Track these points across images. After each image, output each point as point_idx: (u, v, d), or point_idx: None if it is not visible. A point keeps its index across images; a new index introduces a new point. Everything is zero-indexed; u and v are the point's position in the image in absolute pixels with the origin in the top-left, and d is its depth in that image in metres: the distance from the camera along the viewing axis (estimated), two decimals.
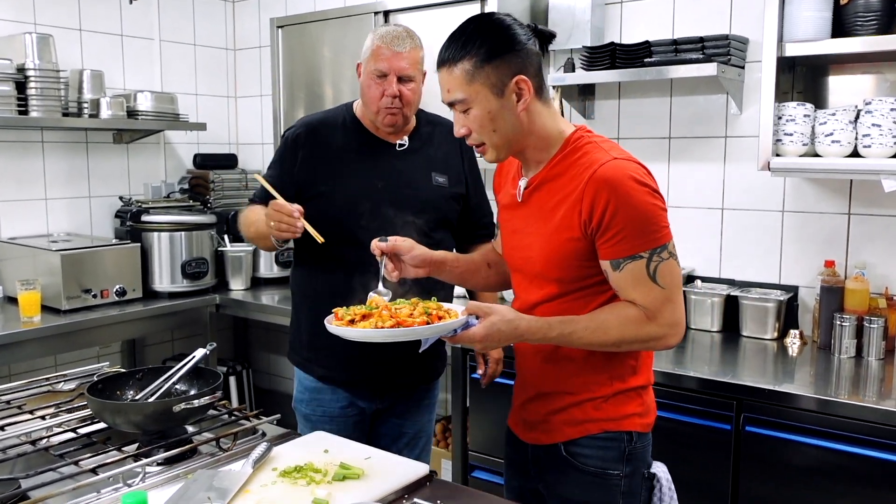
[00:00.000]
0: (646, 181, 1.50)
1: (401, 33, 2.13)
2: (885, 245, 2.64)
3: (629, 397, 1.63)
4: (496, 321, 1.49)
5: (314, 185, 2.15)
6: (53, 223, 3.69)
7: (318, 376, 2.24)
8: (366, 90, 2.14)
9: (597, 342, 1.53)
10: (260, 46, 4.32)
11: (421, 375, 2.29)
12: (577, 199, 1.51)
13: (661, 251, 1.50)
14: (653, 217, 1.49)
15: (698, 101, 2.96)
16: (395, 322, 1.52)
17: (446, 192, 2.23)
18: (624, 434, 1.62)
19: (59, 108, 3.39)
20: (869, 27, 2.35)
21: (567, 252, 1.55)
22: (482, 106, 1.53)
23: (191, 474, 1.52)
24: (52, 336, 3.09)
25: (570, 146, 1.58)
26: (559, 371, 1.64)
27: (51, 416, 1.87)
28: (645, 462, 1.67)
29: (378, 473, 1.53)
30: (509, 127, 1.55)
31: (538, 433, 1.70)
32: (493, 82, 1.52)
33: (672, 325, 1.52)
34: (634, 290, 1.51)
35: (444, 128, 2.28)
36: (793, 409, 2.18)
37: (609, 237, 1.49)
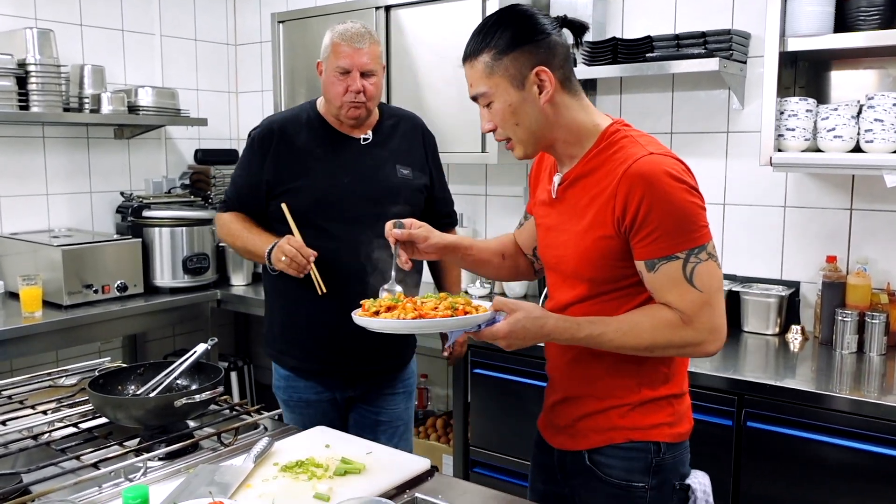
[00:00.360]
0: (683, 178, 1.43)
1: (359, 30, 2.18)
2: (886, 240, 2.63)
3: (659, 406, 1.55)
4: (521, 318, 1.45)
5: (282, 182, 2.20)
6: (54, 218, 3.69)
7: (290, 367, 2.31)
8: (329, 87, 2.19)
9: (628, 345, 1.46)
10: (261, 42, 4.32)
11: (389, 364, 2.33)
12: (610, 196, 1.45)
13: (698, 252, 1.42)
14: (690, 215, 1.42)
15: (700, 97, 2.95)
16: (418, 314, 1.50)
17: (411, 183, 2.28)
18: (651, 444, 1.54)
19: (60, 104, 3.39)
20: (872, 22, 2.34)
21: (600, 251, 1.48)
22: (503, 99, 1.49)
23: (192, 469, 1.53)
24: (54, 331, 3.09)
25: (605, 140, 1.51)
26: (586, 374, 1.58)
27: (52, 410, 1.87)
28: (676, 473, 1.58)
29: (379, 468, 1.53)
30: (532, 120, 1.50)
31: (564, 438, 1.64)
32: (512, 74, 1.47)
33: (711, 331, 1.44)
34: (670, 292, 1.43)
35: (406, 121, 2.35)
36: (794, 404, 2.18)
37: (643, 236, 1.42)
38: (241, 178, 2.30)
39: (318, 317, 2.21)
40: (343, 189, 2.19)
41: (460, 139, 3.14)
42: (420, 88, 3.24)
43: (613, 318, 1.47)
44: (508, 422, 2.80)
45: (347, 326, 2.16)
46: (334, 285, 2.16)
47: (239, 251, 2.35)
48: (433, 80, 3.20)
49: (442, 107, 3.18)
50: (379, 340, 2.13)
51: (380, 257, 1.98)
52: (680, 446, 1.59)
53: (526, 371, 2.71)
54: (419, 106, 3.24)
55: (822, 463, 2.15)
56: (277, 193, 2.21)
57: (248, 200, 2.28)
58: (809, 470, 2.17)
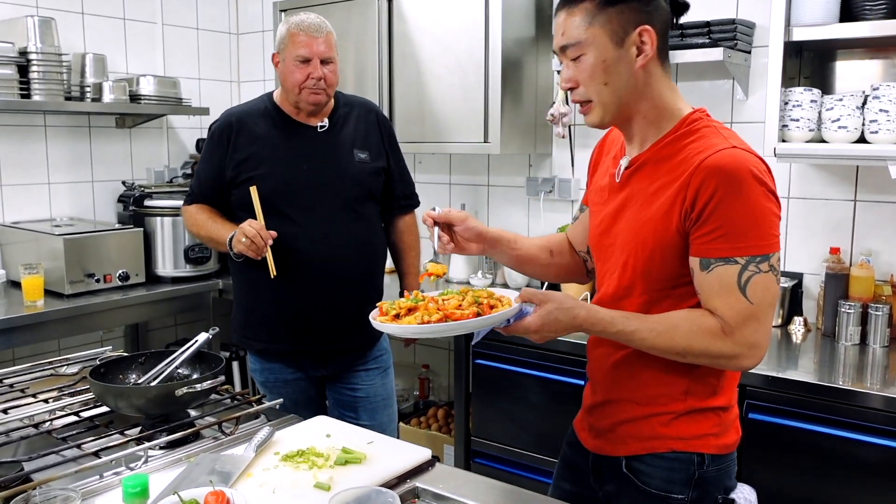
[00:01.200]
0: (765, 179, 1.32)
1: (314, 20, 2.27)
2: (891, 232, 2.62)
3: (705, 416, 1.46)
4: (553, 309, 1.37)
5: (243, 171, 2.28)
6: (56, 208, 3.68)
7: (257, 350, 2.39)
8: (288, 76, 2.26)
9: (660, 347, 1.37)
10: (263, 31, 4.30)
11: (356, 342, 2.39)
12: (682, 186, 1.34)
13: (760, 261, 1.31)
14: (761, 220, 1.31)
15: (704, 87, 2.94)
16: (443, 315, 1.40)
17: (369, 166, 2.36)
18: (694, 455, 1.46)
19: (62, 92, 3.38)
20: (878, 12, 2.32)
21: (661, 244, 1.38)
22: (597, 53, 1.37)
23: (193, 458, 1.53)
24: (56, 320, 3.09)
25: (685, 126, 1.41)
26: (632, 379, 1.49)
27: (54, 399, 1.87)
28: (719, 486, 1.49)
29: (380, 458, 1.53)
30: (623, 82, 1.39)
31: (602, 442, 1.56)
32: (613, 28, 1.36)
33: (750, 346, 1.34)
34: (718, 297, 1.33)
35: (360, 107, 2.44)
36: (797, 396, 2.17)
37: (706, 231, 1.32)
38: (203, 170, 2.40)
39: (279, 300, 2.29)
40: (302, 175, 2.28)
41: (462, 129, 3.13)
42: (422, 77, 3.23)
43: (650, 317, 1.39)
44: (510, 412, 2.80)
45: (310, 309, 2.30)
46: (295, 269, 2.25)
47: (203, 240, 2.44)
48: (436, 69, 3.19)
49: (444, 96, 3.17)
50: (342, 322, 2.31)
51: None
52: (726, 458, 1.51)
53: (528, 362, 2.71)
54: (422, 95, 3.23)
55: (825, 455, 2.14)
56: (239, 183, 2.29)
57: (211, 192, 2.37)
58: (812, 462, 2.16)
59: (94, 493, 1.40)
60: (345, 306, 2.31)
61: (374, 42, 3.32)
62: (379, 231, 2.46)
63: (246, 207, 2.26)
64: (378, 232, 2.45)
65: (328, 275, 2.28)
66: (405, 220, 2.57)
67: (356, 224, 2.34)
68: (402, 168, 2.52)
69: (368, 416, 2.41)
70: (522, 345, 2.65)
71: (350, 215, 2.32)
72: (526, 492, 1.50)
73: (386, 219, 2.51)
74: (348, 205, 2.32)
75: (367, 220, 2.38)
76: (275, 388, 2.37)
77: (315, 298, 2.29)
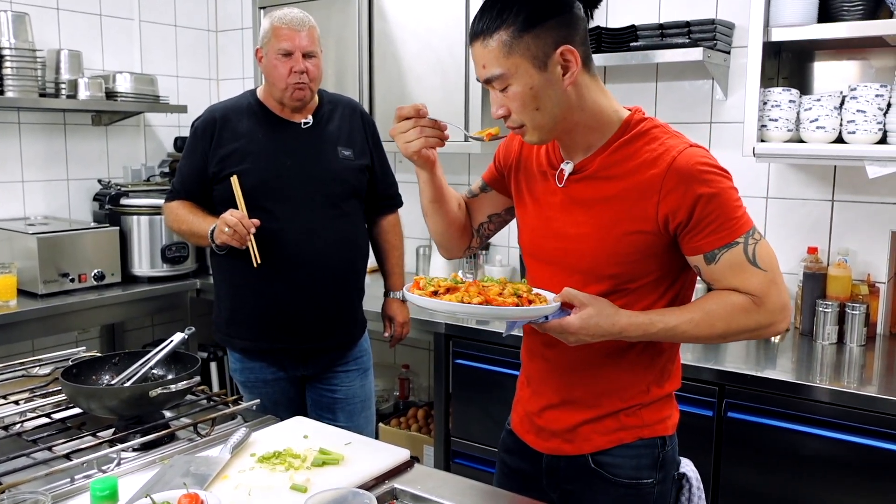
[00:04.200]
0: (720, 165, 1.40)
1: (297, 14, 2.26)
2: (867, 232, 2.64)
3: (664, 402, 1.53)
4: (594, 314, 1.37)
5: (226, 167, 2.27)
6: (30, 206, 3.62)
7: (239, 349, 2.38)
8: (272, 70, 2.25)
9: (702, 335, 1.41)
10: (242, 28, 4.26)
11: (337, 341, 2.39)
12: (651, 191, 1.37)
13: (752, 233, 1.39)
14: (736, 202, 1.39)
15: (684, 87, 2.95)
16: (484, 299, 1.39)
17: (352, 164, 2.36)
18: (657, 439, 1.52)
19: (36, 89, 3.33)
20: (855, 12, 2.34)
21: (630, 247, 1.41)
22: (523, 81, 1.35)
23: (167, 460, 1.51)
24: (29, 320, 3.05)
25: (632, 129, 1.42)
26: (597, 377, 1.51)
27: (25, 401, 1.84)
28: (675, 464, 1.57)
29: (358, 459, 1.51)
30: (555, 104, 1.37)
31: (559, 442, 1.56)
32: (534, 54, 1.33)
33: (781, 310, 1.40)
34: (735, 277, 1.38)
35: (344, 105, 2.44)
36: (775, 394, 2.18)
37: (701, 230, 1.37)
38: (186, 166, 2.38)
39: (263, 297, 2.28)
40: (286, 171, 2.27)
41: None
42: (403, 76, 3.21)
43: (683, 309, 1.42)
44: (490, 413, 2.78)
45: (292, 306, 2.29)
46: (278, 264, 2.24)
47: (185, 235, 2.41)
48: (416, 67, 3.17)
49: (425, 95, 3.16)
50: (325, 319, 2.31)
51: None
52: (675, 437, 1.58)
53: (508, 362, 2.70)
54: (402, 93, 3.22)
55: (803, 453, 2.15)
56: (221, 178, 2.28)
57: (194, 188, 2.36)
58: (790, 460, 2.17)
59: (65, 496, 1.38)
60: (327, 303, 2.31)
61: (355, 40, 3.30)
62: (362, 229, 2.45)
63: (228, 203, 2.24)
64: (361, 230, 2.44)
65: (311, 270, 2.27)
66: (389, 220, 2.56)
67: (339, 221, 2.33)
68: (386, 167, 2.51)
69: (346, 417, 2.40)
70: (502, 344, 2.65)
71: (333, 212, 2.31)
72: (505, 492, 1.50)
73: (369, 218, 2.51)
74: (332, 201, 2.31)
75: (350, 217, 2.37)
76: (255, 388, 2.35)
77: (297, 294, 2.27)
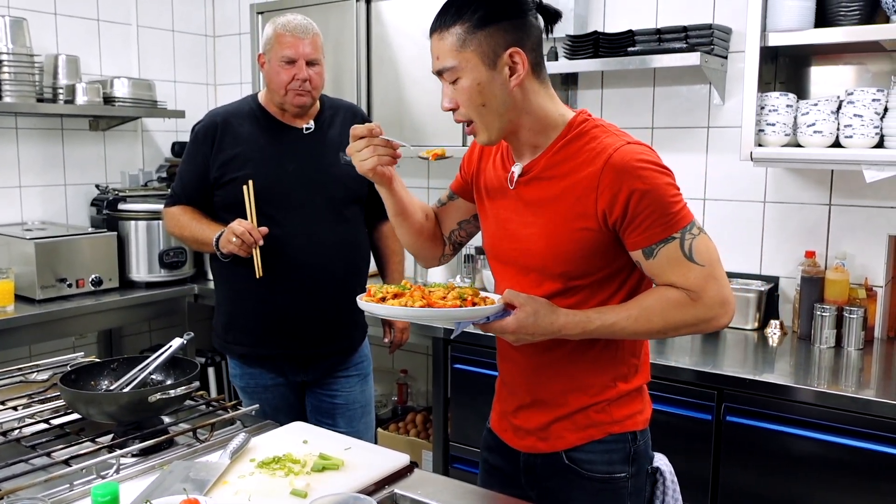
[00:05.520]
0: (659, 161, 1.43)
1: (301, 21, 2.25)
2: (865, 236, 2.65)
3: (632, 397, 1.56)
4: (531, 313, 1.41)
5: (227, 172, 2.26)
6: (28, 211, 3.62)
7: (238, 355, 2.37)
8: (274, 77, 2.24)
9: (641, 330, 1.44)
10: (240, 33, 4.27)
11: (338, 347, 2.38)
12: (591, 188, 1.41)
13: (690, 228, 1.41)
14: (674, 197, 1.41)
15: (681, 91, 2.95)
16: (426, 303, 1.45)
17: (354, 170, 2.30)
18: (628, 434, 1.55)
19: (34, 94, 3.33)
20: (852, 17, 2.35)
21: (576, 244, 1.45)
22: (471, 76, 1.42)
23: (167, 465, 1.50)
24: (26, 326, 3.04)
25: (573, 130, 1.47)
26: (561, 376, 1.55)
27: (23, 406, 1.84)
28: (647, 458, 1.60)
29: (358, 464, 1.51)
30: (499, 102, 1.43)
31: (534, 440, 1.60)
32: (484, 51, 1.40)
33: (721, 304, 1.42)
34: (673, 272, 1.41)
35: (346, 110, 2.44)
36: (773, 398, 2.18)
37: (636, 225, 1.40)
38: (186, 171, 2.37)
39: (264, 302, 2.28)
40: (288, 177, 2.26)
41: (441, 132, 3.12)
42: (400, 80, 3.22)
43: (622, 306, 1.45)
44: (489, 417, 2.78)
45: (293, 311, 2.28)
46: (280, 271, 2.24)
47: (187, 241, 2.39)
48: (414, 72, 3.18)
49: (422, 99, 3.16)
50: (326, 324, 2.31)
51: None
52: (647, 432, 1.61)
53: None
54: (400, 98, 3.22)
55: (801, 457, 2.15)
56: (223, 183, 2.27)
57: (195, 193, 2.34)
58: (789, 464, 2.17)
59: (64, 502, 1.37)
60: (328, 308, 2.30)
61: (352, 45, 3.31)
62: (363, 234, 2.45)
63: (230, 208, 2.24)
64: (362, 235, 2.44)
65: (312, 276, 2.26)
66: (390, 226, 2.52)
67: (341, 226, 2.32)
68: None
69: (346, 423, 2.40)
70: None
71: (335, 217, 2.31)
72: (504, 497, 1.49)
73: (370, 223, 2.50)
74: (333, 207, 2.30)
75: (351, 222, 2.36)
76: (255, 394, 2.34)
77: (299, 300, 2.27)
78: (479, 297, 1.49)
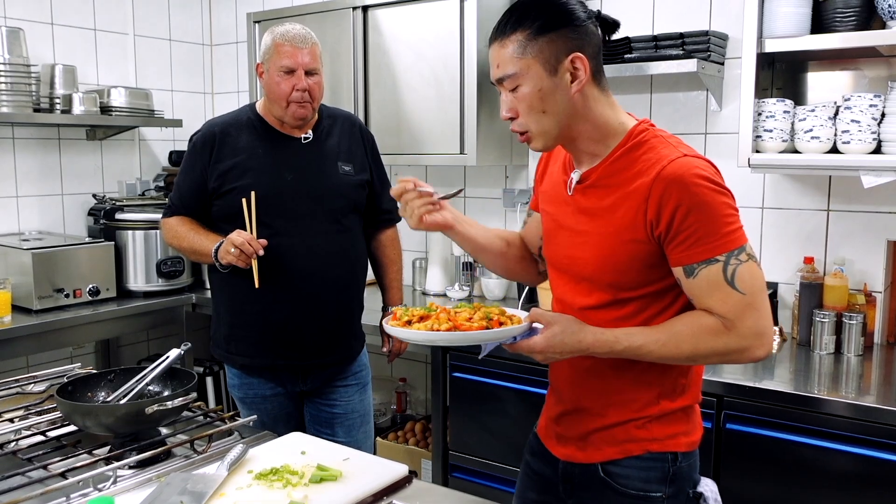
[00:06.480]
0: (717, 179, 1.39)
1: (300, 31, 2.24)
2: (863, 241, 2.64)
3: (676, 417, 1.52)
4: (559, 332, 1.40)
5: (225, 182, 2.25)
6: (25, 221, 3.61)
7: (238, 365, 2.35)
8: (273, 87, 2.23)
9: (669, 356, 1.40)
10: (237, 42, 4.27)
11: (337, 357, 2.37)
12: (642, 199, 1.39)
13: (738, 253, 1.36)
14: (727, 217, 1.36)
15: (678, 98, 2.95)
16: (452, 325, 1.46)
17: (353, 179, 2.35)
18: (668, 454, 1.51)
19: (31, 104, 3.32)
20: (848, 23, 2.35)
21: (627, 255, 1.43)
22: (533, 83, 1.41)
23: (164, 477, 1.48)
24: (24, 337, 3.02)
25: (633, 139, 1.46)
26: (603, 387, 1.53)
27: (20, 418, 1.82)
28: (690, 481, 1.55)
29: (356, 475, 1.50)
30: (561, 109, 1.43)
31: (573, 449, 1.59)
32: (546, 57, 1.40)
33: (757, 336, 1.37)
34: (711, 297, 1.37)
35: (344, 119, 2.43)
36: (773, 405, 2.18)
37: (680, 241, 1.37)
38: (184, 181, 2.35)
39: (263, 313, 2.27)
40: (286, 187, 2.25)
41: (439, 140, 3.12)
42: (398, 89, 3.21)
43: (652, 329, 1.42)
44: (488, 426, 2.77)
45: (292, 322, 2.27)
46: (279, 281, 2.23)
47: (185, 252, 2.38)
48: (411, 79, 3.18)
49: (420, 107, 3.16)
50: (325, 334, 2.31)
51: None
52: (693, 454, 1.56)
53: (505, 374, 2.69)
54: (397, 106, 3.22)
55: (802, 465, 2.14)
56: (221, 193, 2.26)
57: (193, 203, 2.33)
58: (789, 472, 2.16)
59: None
60: (327, 318, 2.30)
61: (350, 53, 3.31)
62: (362, 244, 2.44)
63: (228, 219, 2.23)
64: (361, 244, 2.43)
65: (312, 286, 2.26)
66: (387, 234, 2.55)
67: (340, 236, 2.32)
68: (385, 182, 2.50)
69: (345, 432, 2.39)
70: (500, 357, 2.64)
71: (334, 227, 2.30)
72: None
73: (368, 232, 2.49)
74: (333, 217, 2.30)
75: (350, 232, 2.36)
76: (253, 404, 2.33)
77: (298, 309, 2.26)
78: (506, 316, 1.49)
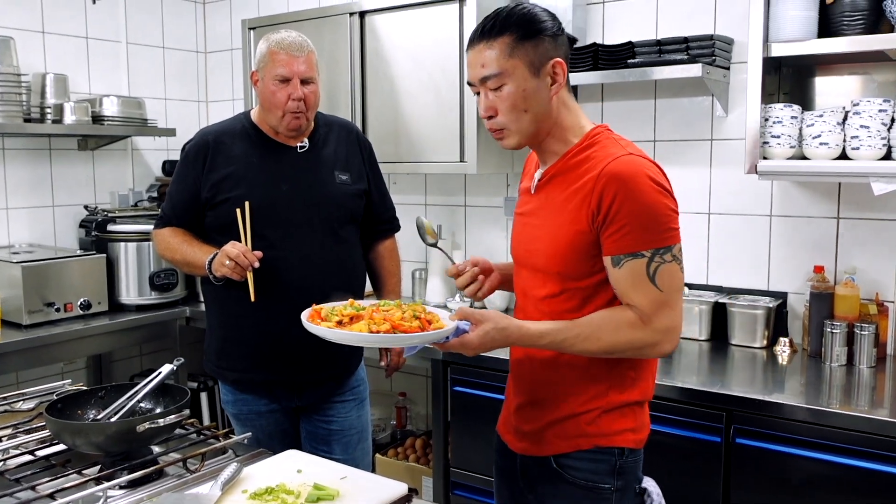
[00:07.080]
0: (658, 179, 1.49)
1: (296, 38, 2.20)
2: (874, 249, 2.59)
3: (623, 413, 1.60)
4: (490, 329, 1.48)
5: (219, 192, 2.20)
6: (15, 234, 3.55)
7: (231, 381, 2.30)
8: (269, 96, 2.18)
9: (590, 349, 1.50)
10: (231, 49, 4.22)
11: (333, 372, 2.32)
12: (588, 191, 1.49)
13: (664, 252, 1.47)
14: (661, 216, 1.47)
15: (683, 104, 2.91)
16: (391, 326, 1.49)
17: (350, 188, 2.31)
18: (615, 449, 1.60)
19: (21, 114, 3.28)
20: (855, 27, 2.31)
21: (572, 246, 1.52)
22: (517, 83, 1.51)
23: (156, 497, 1.46)
24: (13, 352, 2.97)
25: (588, 139, 1.57)
26: (555, 380, 1.61)
27: (7, 437, 1.79)
28: (636, 477, 1.64)
29: (354, 494, 1.45)
30: (541, 109, 1.54)
31: (528, 444, 1.67)
32: (531, 59, 1.51)
33: (666, 332, 1.49)
34: (633, 290, 1.48)
35: (340, 128, 2.38)
36: (784, 419, 2.12)
37: (612, 231, 1.46)
38: (176, 192, 2.30)
39: (257, 327, 2.21)
40: (282, 196, 2.21)
41: (438, 148, 3.07)
42: (396, 95, 3.16)
43: (575, 323, 1.51)
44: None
45: (288, 335, 2.20)
46: (274, 294, 2.17)
47: (178, 264, 2.32)
48: (410, 86, 3.13)
49: (419, 113, 3.11)
50: (321, 348, 2.18)
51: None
52: (639, 452, 1.64)
53: None
54: (395, 113, 3.17)
55: (814, 479, 2.09)
56: (215, 204, 2.21)
57: (185, 214, 2.28)
58: (800, 487, 2.10)
59: None
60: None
61: (347, 59, 3.26)
62: (359, 254, 2.39)
63: (221, 229, 2.18)
64: (358, 255, 2.38)
65: (308, 298, 2.18)
66: (386, 245, 2.49)
67: (337, 247, 2.27)
68: (383, 191, 2.46)
69: (342, 449, 2.32)
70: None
71: (331, 238, 2.25)
72: None
73: (366, 243, 2.44)
74: (329, 227, 2.25)
75: (347, 242, 2.31)
76: (248, 421, 2.27)
77: (294, 324, 2.19)
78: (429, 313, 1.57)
